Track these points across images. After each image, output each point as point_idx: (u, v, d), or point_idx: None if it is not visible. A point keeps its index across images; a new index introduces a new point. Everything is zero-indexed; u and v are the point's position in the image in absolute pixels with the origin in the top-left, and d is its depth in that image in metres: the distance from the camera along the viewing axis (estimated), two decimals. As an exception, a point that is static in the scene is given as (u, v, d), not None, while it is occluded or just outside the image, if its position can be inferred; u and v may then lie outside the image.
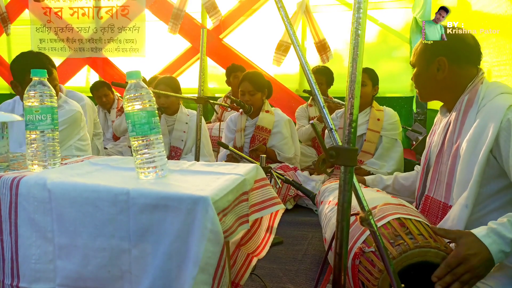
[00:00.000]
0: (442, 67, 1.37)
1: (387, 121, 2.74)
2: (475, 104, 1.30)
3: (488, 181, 1.21)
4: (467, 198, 1.21)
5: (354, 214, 0.94)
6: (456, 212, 1.23)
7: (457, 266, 1.04)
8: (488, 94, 1.28)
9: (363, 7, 0.82)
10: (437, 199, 1.40)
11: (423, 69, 1.42)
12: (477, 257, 1.04)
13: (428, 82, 1.43)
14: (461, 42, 1.36)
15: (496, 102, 1.24)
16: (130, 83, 1.01)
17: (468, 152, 1.24)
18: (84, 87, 5.48)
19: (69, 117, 2.07)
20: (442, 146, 1.42)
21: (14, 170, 1.11)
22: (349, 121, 0.84)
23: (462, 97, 1.36)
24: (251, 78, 2.91)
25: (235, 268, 1.31)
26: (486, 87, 1.31)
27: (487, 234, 1.07)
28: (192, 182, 0.99)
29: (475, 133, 1.24)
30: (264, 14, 4.82)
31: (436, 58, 1.37)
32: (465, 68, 1.36)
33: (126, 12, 5.03)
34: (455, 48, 1.36)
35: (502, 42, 2.09)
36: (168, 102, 2.86)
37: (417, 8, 3.92)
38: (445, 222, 1.27)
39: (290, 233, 2.26)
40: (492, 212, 1.22)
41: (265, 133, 2.97)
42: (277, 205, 1.23)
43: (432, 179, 1.45)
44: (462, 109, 1.34)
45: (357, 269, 1.15)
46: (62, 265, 0.97)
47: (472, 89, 1.34)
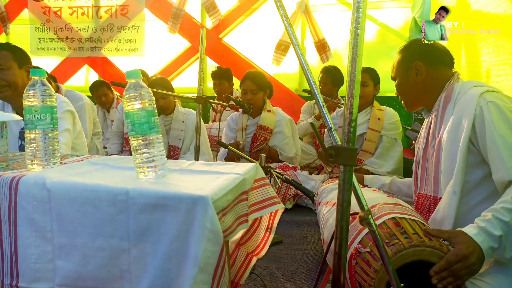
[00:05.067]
0: (420, 70, 1.47)
1: (388, 120, 2.74)
2: (452, 99, 1.38)
3: (471, 168, 1.27)
4: (453, 185, 1.26)
5: (353, 213, 0.94)
6: (446, 200, 1.28)
7: (456, 263, 1.07)
8: (463, 89, 1.37)
9: (362, 7, 0.82)
10: (427, 194, 1.44)
11: (403, 77, 1.53)
12: (475, 255, 1.08)
13: (410, 88, 1.53)
14: (432, 47, 1.49)
15: (470, 92, 1.32)
16: (130, 83, 1.01)
17: (449, 141, 1.31)
18: (83, 86, 5.47)
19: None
20: (426, 144, 1.48)
21: (14, 169, 1.11)
22: (349, 121, 0.84)
23: (440, 95, 1.45)
24: (254, 77, 2.91)
25: (234, 268, 1.31)
26: (461, 84, 1.40)
27: (478, 233, 1.11)
28: (191, 182, 0.99)
29: (454, 124, 1.31)
30: (263, 13, 4.82)
31: (413, 64, 1.47)
32: (441, 69, 1.46)
33: (125, 11, 5.02)
34: (428, 53, 1.48)
35: (501, 42, 2.09)
36: (167, 103, 2.87)
37: (416, 7, 3.91)
38: (437, 213, 1.31)
39: (289, 232, 2.26)
40: (481, 202, 1.26)
41: (266, 133, 2.97)
42: (277, 205, 1.23)
43: (422, 176, 1.49)
44: (441, 106, 1.42)
45: (353, 269, 1.15)
46: (61, 264, 0.97)
47: (449, 87, 1.43)
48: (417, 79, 1.48)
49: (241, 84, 2.95)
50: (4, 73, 1.86)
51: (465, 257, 1.07)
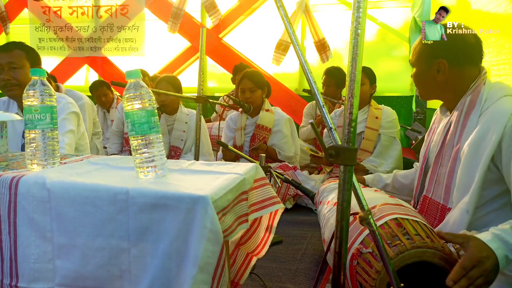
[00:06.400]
0: (442, 69, 1.35)
1: (385, 119, 2.75)
2: (477, 106, 1.27)
3: (487, 185, 1.20)
4: (468, 203, 1.19)
5: (354, 213, 0.94)
6: (457, 216, 1.22)
7: (471, 269, 1.01)
8: (491, 97, 1.26)
9: (362, 6, 0.82)
10: (436, 200, 1.39)
11: (423, 70, 1.40)
12: (490, 260, 1.02)
13: (428, 83, 1.41)
14: (461, 42, 1.33)
15: (499, 105, 1.22)
16: (130, 82, 1.01)
17: (470, 156, 1.22)
18: (83, 86, 5.47)
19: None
20: (441, 147, 1.40)
21: (13, 169, 1.11)
22: (349, 121, 0.84)
23: (464, 98, 1.34)
24: (251, 76, 2.91)
25: (234, 268, 1.31)
26: (489, 88, 1.29)
27: (492, 239, 1.05)
28: (191, 182, 0.99)
29: (477, 137, 1.22)
30: (263, 13, 4.81)
31: (436, 60, 1.35)
32: (467, 68, 1.34)
33: (125, 11, 5.02)
34: (455, 49, 1.33)
35: (501, 42, 2.09)
36: (168, 100, 2.87)
37: (416, 7, 3.91)
38: (445, 226, 1.26)
39: (289, 232, 2.26)
40: (489, 213, 1.22)
41: (265, 132, 2.97)
42: (277, 205, 1.23)
43: (431, 180, 1.44)
44: (464, 111, 1.32)
45: (354, 270, 1.15)
46: (61, 264, 0.97)
47: (475, 90, 1.31)
48: (438, 77, 1.36)
49: (239, 83, 2.94)
50: (17, 72, 1.87)
51: (480, 261, 1.01)
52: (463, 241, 1.07)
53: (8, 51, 1.88)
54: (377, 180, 1.88)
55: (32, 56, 1.95)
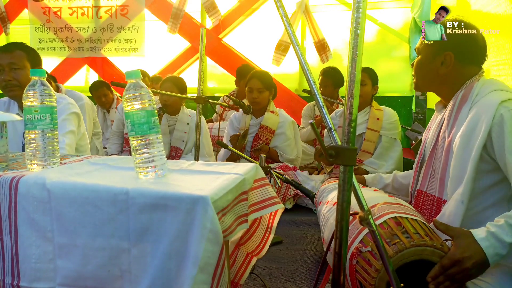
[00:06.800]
0: (447, 62, 1.36)
1: (387, 120, 2.74)
2: (469, 99, 1.31)
3: (481, 175, 1.23)
4: (462, 194, 1.22)
5: (353, 213, 0.94)
6: (452, 208, 1.25)
7: (450, 268, 1.06)
8: (482, 91, 1.29)
9: (362, 7, 0.82)
10: (431, 193, 1.41)
11: (428, 59, 1.41)
12: (471, 260, 1.06)
13: (428, 74, 1.43)
14: (472, 41, 1.36)
15: (489, 97, 1.25)
16: (130, 83, 1.01)
17: (462, 147, 1.26)
18: (83, 86, 5.48)
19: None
20: (436, 141, 1.43)
21: (13, 169, 1.11)
22: (349, 121, 0.84)
23: (457, 93, 1.37)
24: (260, 76, 2.90)
25: (234, 268, 1.31)
26: (482, 84, 1.32)
27: (486, 238, 1.08)
28: (191, 182, 0.99)
29: (468, 128, 1.25)
30: (263, 13, 4.82)
31: (444, 52, 1.36)
32: (468, 67, 1.37)
33: (125, 11, 5.02)
34: (465, 47, 1.35)
35: (501, 42, 2.09)
36: (171, 100, 2.87)
37: (416, 7, 3.92)
38: (441, 218, 1.28)
39: (289, 232, 2.26)
40: (487, 208, 1.23)
41: (268, 133, 2.96)
42: (277, 205, 1.23)
43: (425, 173, 1.46)
44: (456, 105, 1.35)
45: (354, 269, 1.15)
46: (62, 264, 0.97)
47: (468, 85, 1.35)
48: (441, 69, 1.38)
49: (247, 83, 2.93)
50: (17, 73, 1.87)
51: (458, 262, 1.06)
52: (454, 235, 1.12)
53: (9, 52, 1.88)
54: (377, 180, 1.88)
55: (33, 57, 1.95)
